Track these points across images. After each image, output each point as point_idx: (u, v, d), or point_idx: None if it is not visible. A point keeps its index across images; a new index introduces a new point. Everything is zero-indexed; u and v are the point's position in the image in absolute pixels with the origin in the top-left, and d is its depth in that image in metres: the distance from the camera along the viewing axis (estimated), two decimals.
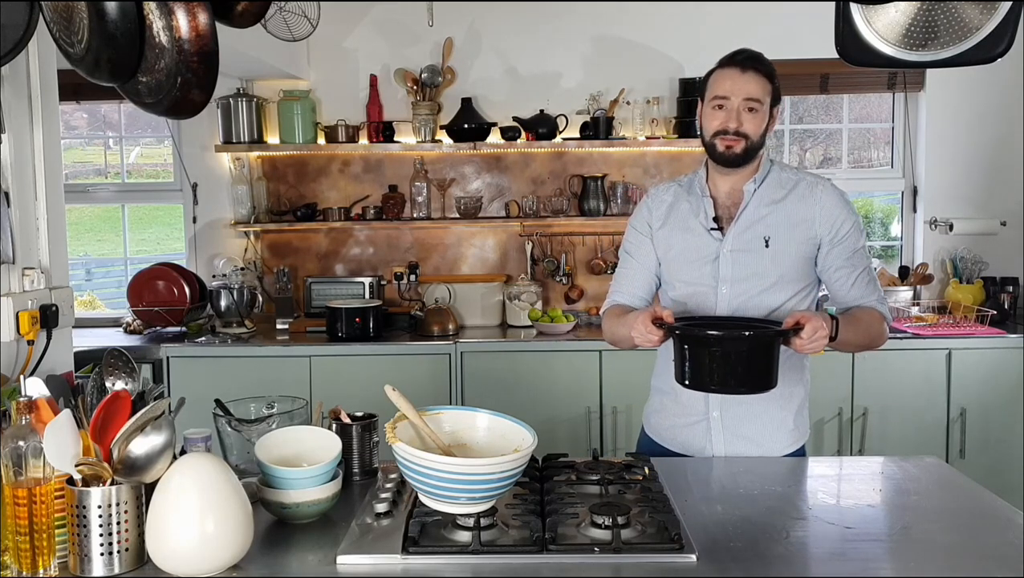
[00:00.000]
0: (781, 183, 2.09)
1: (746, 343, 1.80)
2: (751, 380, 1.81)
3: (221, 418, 1.88)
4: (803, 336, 1.79)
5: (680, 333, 1.83)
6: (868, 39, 1.91)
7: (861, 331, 2.01)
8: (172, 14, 1.55)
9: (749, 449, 2.11)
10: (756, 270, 2.04)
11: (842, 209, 2.05)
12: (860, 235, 2.06)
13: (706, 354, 1.81)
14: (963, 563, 1.46)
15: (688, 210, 2.14)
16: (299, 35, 3.02)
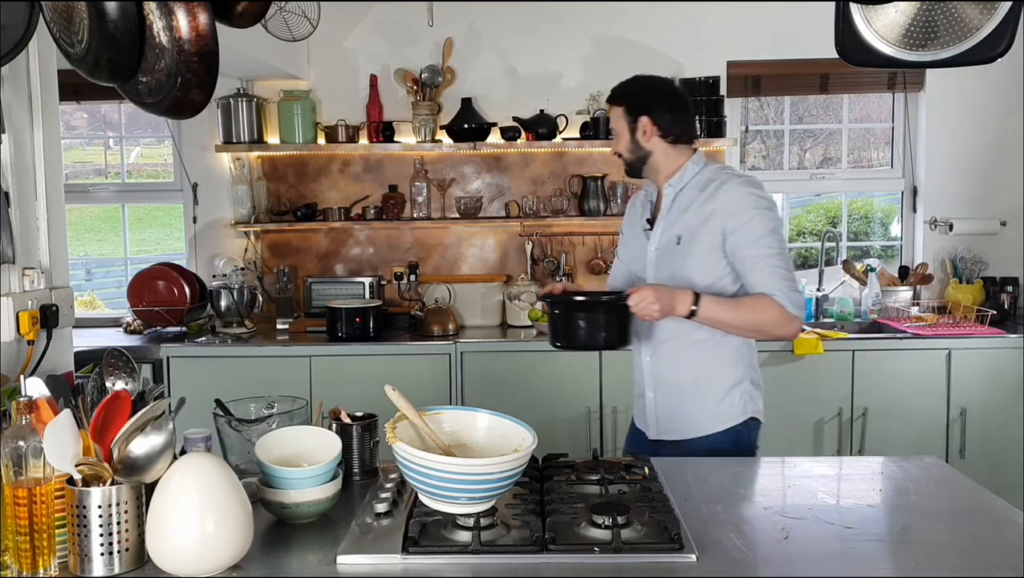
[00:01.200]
0: (700, 185, 2.23)
1: (584, 309, 2.16)
2: (595, 339, 2.15)
3: (221, 418, 1.88)
4: (629, 303, 2.06)
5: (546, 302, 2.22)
6: (868, 39, 1.91)
7: (741, 314, 2.11)
8: (172, 14, 1.55)
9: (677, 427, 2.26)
10: (671, 266, 2.21)
11: (741, 200, 2.14)
12: (762, 226, 2.12)
13: (559, 318, 2.17)
14: (963, 563, 1.47)
15: (642, 212, 2.38)
16: (299, 35, 3.02)
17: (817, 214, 5.26)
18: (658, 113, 2.29)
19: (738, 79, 4.32)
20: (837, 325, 4.08)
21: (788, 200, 4.73)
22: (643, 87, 2.40)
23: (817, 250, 4.46)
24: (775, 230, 2.14)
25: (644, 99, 2.34)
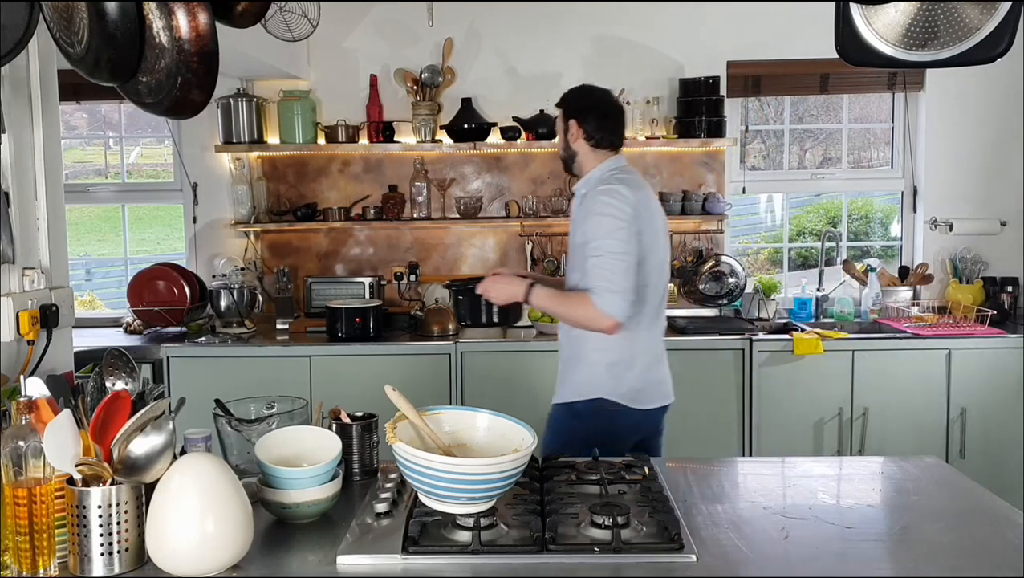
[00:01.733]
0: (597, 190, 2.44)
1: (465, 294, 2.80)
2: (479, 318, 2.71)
3: (221, 418, 1.88)
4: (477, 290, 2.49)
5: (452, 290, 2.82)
6: (868, 39, 1.91)
7: (562, 307, 2.39)
8: (172, 14, 1.55)
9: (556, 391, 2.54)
10: (579, 266, 2.41)
11: (595, 206, 2.36)
12: (599, 228, 2.32)
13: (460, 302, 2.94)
14: (963, 563, 1.47)
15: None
16: (299, 35, 3.02)
17: (817, 214, 5.26)
18: (585, 118, 2.49)
19: (738, 79, 4.32)
20: (837, 325, 4.08)
21: (788, 200, 4.73)
22: (579, 95, 2.58)
23: (817, 250, 4.46)
24: (612, 234, 2.30)
25: (577, 105, 2.54)
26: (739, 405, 3.80)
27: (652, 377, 2.47)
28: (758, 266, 4.84)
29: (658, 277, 2.45)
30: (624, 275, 2.29)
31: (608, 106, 2.55)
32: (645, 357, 2.45)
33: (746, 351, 3.79)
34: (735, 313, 4.29)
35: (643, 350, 2.44)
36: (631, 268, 2.30)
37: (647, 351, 2.45)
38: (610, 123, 2.51)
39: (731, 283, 4.19)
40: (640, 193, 2.42)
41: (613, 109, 2.55)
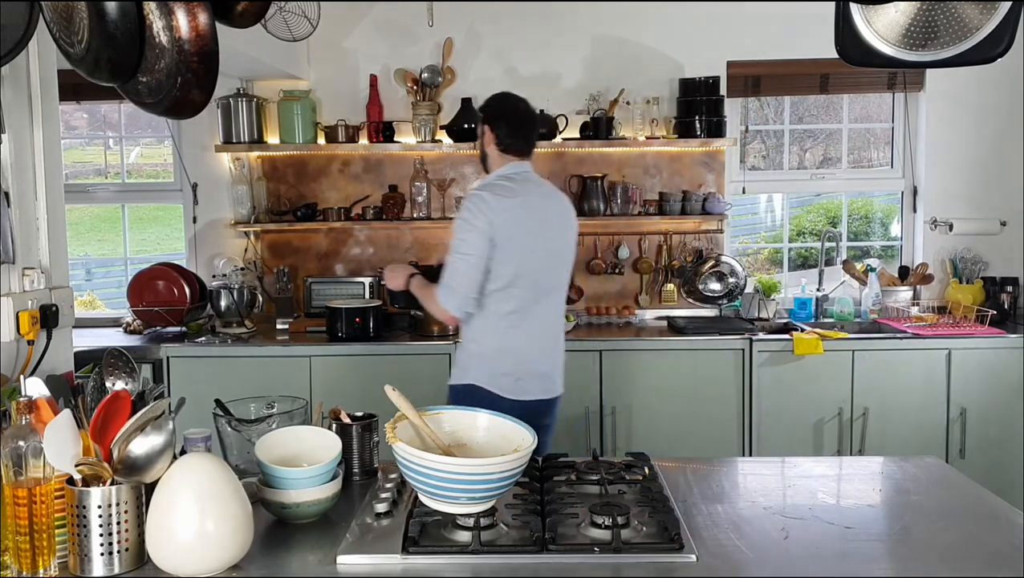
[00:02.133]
0: None
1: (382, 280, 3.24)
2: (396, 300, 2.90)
3: (221, 418, 1.88)
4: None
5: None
6: (868, 39, 1.91)
7: (422, 294, 2.69)
8: (172, 14, 1.55)
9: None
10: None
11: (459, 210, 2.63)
12: (454, 232, 2.59)
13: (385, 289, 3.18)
14: (963, 563, 1.47)
15: None
16: (299, 35, 3.02)
17: (817, 214, 5.26)
18: (497, 124, 2.68)
19: (738, 79, 4.32)
20: (837, 325, 4.08)
21: (788, 200, 4.73)
22: (495, 101, 2.77)
23: (817, 250, 4.46)
24: (461, 236, 2.56)
25: (492, 111, 2.73)
26: (739, 405, 3.80)
27: (530, 370, 2.63)
28: (758, 266, 4.84)
29: (527, 281, 2.59)
30: (462, 275, 2.54)
31: (520, 115, 2.73)
32: (518, 351, 2.61)
33: (746, 351, 3.79)
34: (735, 313, 4.29)
35: (515, 345, 2.61)
36: (472, 269, 2.53)
37: (520, 346, 2.61)
38: (519, 131, 2.69)
39: (731, 283, 4.19)
40: (511, 201, 2.59)
41: (524, 118, 2.73)
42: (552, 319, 2.71)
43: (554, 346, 2.72)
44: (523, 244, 2.58)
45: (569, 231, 2.76)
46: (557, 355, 2.73)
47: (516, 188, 2.63)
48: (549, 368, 2.69)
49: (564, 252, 2.73)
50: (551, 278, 2.68)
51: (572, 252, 2.77)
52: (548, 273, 2.66)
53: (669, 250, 4.35)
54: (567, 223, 2.75)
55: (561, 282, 2.73)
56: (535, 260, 2.61)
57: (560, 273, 2.71)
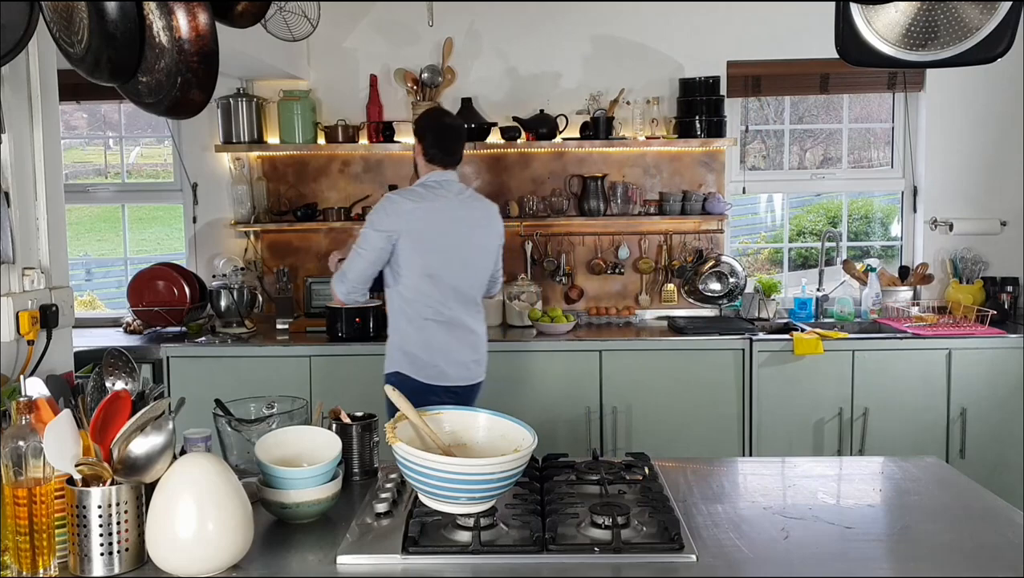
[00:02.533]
0: None
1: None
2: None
3: (221, 418, 1.88)
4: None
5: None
6: (868, 39, 1.91)
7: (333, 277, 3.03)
8: (172, 14, 1.55)
9: None
10: None
11: None
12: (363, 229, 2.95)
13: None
14: (963, 563, 1.47)
15: None
16: (299, 35, 3.02)
17: (817, 214, 5.26)
18: (424, 137, 3.01)
19: (738, 79, 4.32)
20: (837, 325, 4.08)
21: (788, 200, 4.73)
22: (425, 116, 3.11)
23: (817, 250, 4.46)
24: (364, 233, 2.93)
25: (420, 126, 3.07)
26: (739, 405, 3.81)
27: (448, 359, 2.93)
28: (758, 266, 4.84)
29: (440, 278, 2.91)
30: (355, 267, 2.91)
31: (444, 129, 3.04)
32: (435, 342, 2.91)
33: (746, 351, 3.79)
34: (735, 313, 4.29)
35: (432, 337, 2.92)
36: (364, 263, 2.90)
37: (436, 338, 2.92)
38: (442, 144, 3.01)
39: (731, 283, 4.19)
40: (419, 204, 2.92)
41: (448, 132, 3.04)
42: (468, 314, 2.99)
43: (471, 337, 3.00)
44: (432, 244, 2.91)
45: (486, 236, 3.04)
46: (477, 345, 3.02)
47: (428, 194, 2.96)
48: (467, 357, 2.98)
49: (480, 254, 3.02)
50: (465, 277, 2.97)
51: (491, 255, 3.07)
52: (461, 272, 2.96)
53: (669, 250, 4.35)
54: (485, 228, 3.04)
55: (477, 281, 3.02)
56: (446, 259, 2.92)
57: (475, 272, 3.01)
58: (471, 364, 2.99)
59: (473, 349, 3.00)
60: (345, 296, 2.94)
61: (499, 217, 3.12)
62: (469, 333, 2.99)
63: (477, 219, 3.03)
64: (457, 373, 2.95)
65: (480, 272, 3.03)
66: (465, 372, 2.97)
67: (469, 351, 2.98)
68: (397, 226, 2.89)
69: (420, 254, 2.89)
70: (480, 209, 3.06)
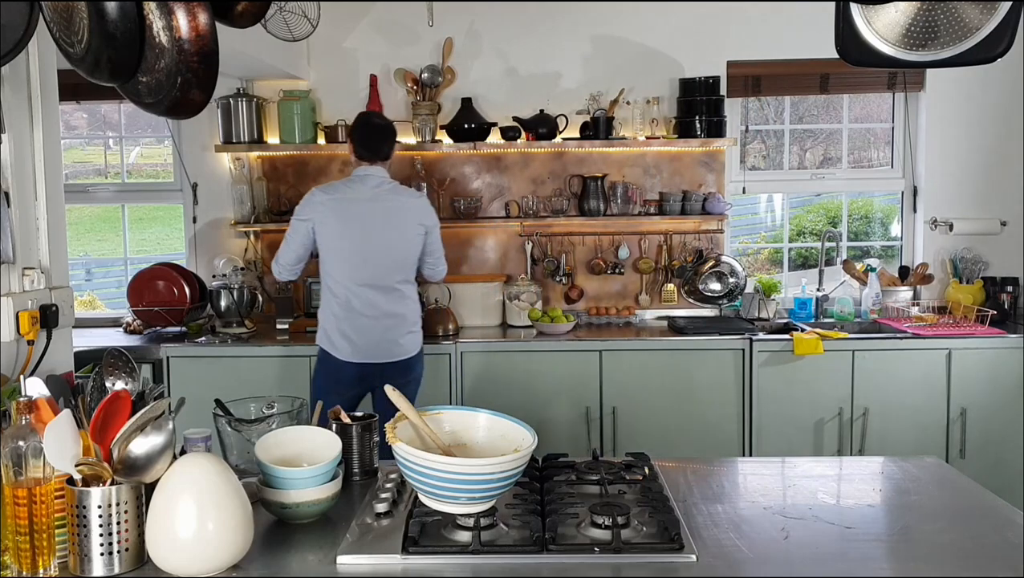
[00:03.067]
0: None
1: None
2: None
3: (221, 418, 1.88)
4: None
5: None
6: (868, 39, 1.91)
7: None
8: (172, 14, 1.55)
9: None
10: None
11: None
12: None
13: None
14: (963, 563, 1.47)
15: None
16: (299, 35, 3.02)
17: (817, 214, 5.26)
18: (352, 137, 3.33)
19: (738, 79, 4.33)
20: (837, 325, 4.08)
21: (788, 200, 4.73)
22: (355, 119, 3.40)
23: (817, 250, 4.46)
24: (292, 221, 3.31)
25: (351, 126, 3.38)
26: (739, 405, 3.81)
27: (364, 338, 3.22)
28: (758, 266, 4.85)
29: (354, 262, 3.23)
30: (283, 250, 3.34)
31: (368, 128, 3.32)
32: (351, 322, 3.23)
33: (746, 351, 3.79)
34: (735, 313, 4.29)
35: (344, 315, 3.24)
36: (289, 247, 3.31)
37: (347, 316, 3.23)
38: (367, 142, 3.28)
39: (731, 283, 4.19)
40: (333, 196, 3.25)
41: (372, 131, 3.31)
42: (384, 295, 3.25)
43: (388, 319, 3.25)
44: (342, 232, 3.22)
45: (402, 224, 3.26)
46: (395, 325, 3.26)
47: (344, 187, 3.29)
48: (379, 337, 3.24)
49: (394, 242, 3.25)
50: (378, 262, 3.23)
51: (409, 242, 3.28)
52: (373, 257, 3.23)
53: (669, 250, 4.35)
54: (399, 217, 3.25)
55: (394, 266, 3.26)
56: (357, 246, 3.22)
57: (390, 257, 3.25)
58: (385, 343, 3.25)
59: (387, 330, 3.25)
60: (278, 274, 3.39)
61: (422, 206, 3.35)
62: (384, 316, 3.24)
63: (390, 209, 3.25)
64: (374, 352, 3.23)
65: (396, 258, 3.27)
66: (382, 351, 3.24)
67: (381, 332, 3.24)
68: (312, 216, 3.25)
69: (333, 240, 3.24)
70: (395, 200, 3.28)
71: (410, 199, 3.34)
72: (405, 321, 3.29)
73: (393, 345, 3.27)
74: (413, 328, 3.33)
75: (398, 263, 3.28)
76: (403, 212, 3.28)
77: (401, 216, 3.27)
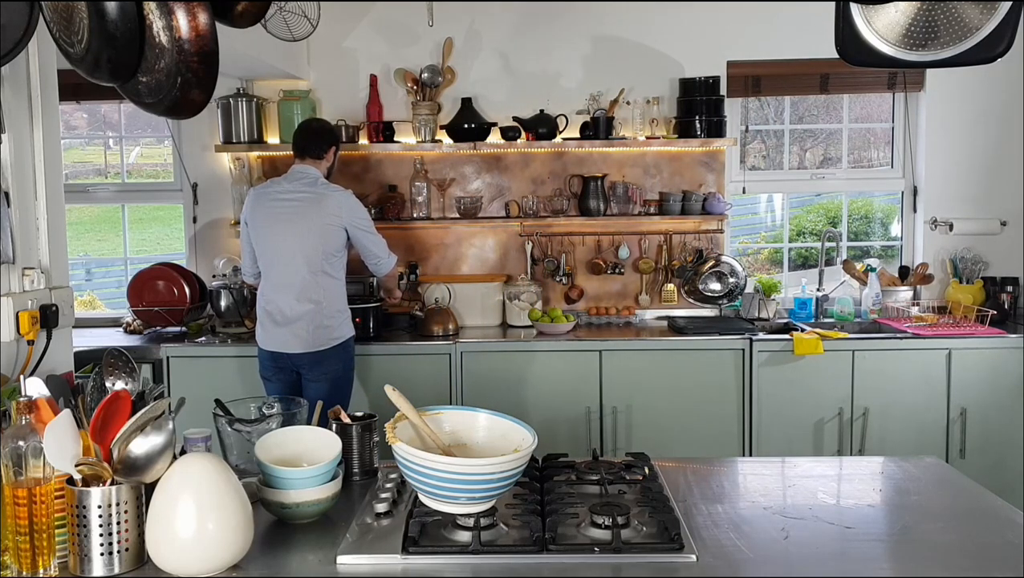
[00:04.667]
0: None
1: None
2: None
3: (221, 418, 1.88)
4: None
5: None
6: (868, 39, 1.91)
7: None
8: (172, 14, 1.55)
9: None
10: None
11: None
12: None
13: None
14: (963, 563, 1.47)
15: None
16: (299, 35, 3.02)
17: (817, 214, 5.26)
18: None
19: (738, 79, 4.33)
20: (837, 325, 4.08)
21: (788, 200, 4.73)
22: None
23: (817, 250, 4.46)
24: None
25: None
26: (739, 405, 3.81)
27: (274, 327, 3.37)
28: (758, 266, 4.85)
29: (268, 255, 3.39)
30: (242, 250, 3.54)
31: (300, 130, 3.52)
32: (265, 311, 3.40)
33: (746, 351, 3.79)
34: (735, 313, 4.29)
35: (264, 306, 3.40)
36: (242, 247, 3.51)
37: (265, 308, 3.40)
38: (298, 142, 3.48)
39: (731, 283, 4.19)
40: (257, 191, 3.46)
41: (299, 131, 3.51)
42: (290, 289, 3.34)
43: (293, 310, 3.34)
44: (259, 225, 3.39)
45: (316, 220, 3.33)
46: (300, 317, 3.33)
47: (274, 184, 3.46)
48: (287, 327, 3.34)
49: (305, 237, 3.32)
50: (286, 253, 3.34)
51: (320, 237, 3.33)
52: (282, 248, 3.35)
53: (669, 250, 4.35)
54: (313, 213, 3.33)
55: (304, 257, 3.32)
56: (270, 238, 3.37)
57: (301, 251, 3.32)
58: (288, 336, 3.35)
59: (294, 322, 3.34)
60: (244, 278, 3.67)
61: (340, 202, 3.38)
62: (288, 309, 3.34)
63: (304, 203, 3.35)
64: (280, 341, 3.37)
65: (306, 252, 3.33)
66: (284, 342, 3.36)
67: (286, 321, 3.35)
68: (244, 214, 3.47)
69: (253, 233, 3.42)
70: (311, 196, 3.36)
71: (329, 195, 3.38)
72: (315, 314, 3.34)
73: (295, 338, 3.34)
74: (327, 321, 3.36)
75: (308, 256, 3.34)
76: (316, 207, 3.34)
77: (313, 210, 3.34)
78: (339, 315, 3.42)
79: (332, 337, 3.38)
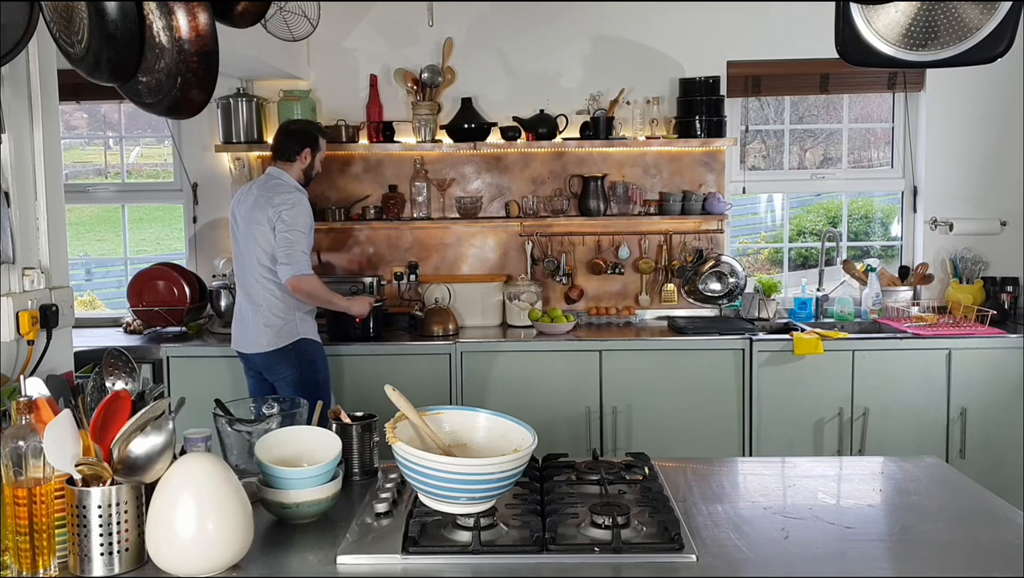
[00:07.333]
0: None
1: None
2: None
3: (221, 418, 1.88)
4: None
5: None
6: (868, 39, 1.91)
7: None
8: (172, 14, 1.55)
9: None
10: None
11: None
12: None
13: None
14: (963, 563, 1.47)
15: None
16: (299, 35, 3.02)
17: (817, 214, 5.26)
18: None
19: (738, 79, 4.32)
20: (837, 325, 4.08)
21: (788, 200, 4.73)
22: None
23: (817, 250, 4.46)
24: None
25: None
26: (739, 405, 3.81)
27: (237, 328, 3.46)
28: (758, 266, 4.85)
29: (234, 256, 3.49)
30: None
31: (277, 133, 3.55)
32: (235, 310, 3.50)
33: (746, 351, 3.79)
34: (735, 313, 4.29)
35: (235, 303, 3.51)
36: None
37: (235, 305, 3.50)
38: (275, 144, 3.51)
39: (731, 283, 4.19)
40: (235, 196, 3.52)
41: (277, 134, 3.54)
42: (243, 289, 3.43)
43: (244, 311, 3.42)
44: (232, 226, 3.48)
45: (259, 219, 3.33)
46: (252, 318, 3.38)
47: (246, 186, 3.53)
48: (242, 327, 3.43)
49: (253, 237, 3.35)
50: (241, 254, 3.42)
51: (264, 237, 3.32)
52: (239, 249, 3.43)
53: (669, 250, 4.35)
54: (258, 211, 3.33)
55: (254, 258, 3.35)
56: (234, 239, 3.45)
57: (250, 251, 3.36)
58: (244, 335, 3.42)
59: (249, 322, 3.40)
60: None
61: (279, 200, 3.32)
62: (243, 310, 3.43)
63: (253, 203, 3.38)
64: (240, 341, 3.44)
65: (255, 253, 3.36)
66: (241, 342, 3.44)
67: (243, 322, 3.43)
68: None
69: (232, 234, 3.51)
70: (262, 201, 3.36)
71: (274, 197, 3.34)
72: (259, 315, 3.36)
73: (249, 337, 3.40)
74: (269, 322, 3.35)
75: (257, 257, 3.36)
76: (260, 209, 3.35)
77: (259, 212, 3.35)
78: (283, 316, 3.36)
79: (277, 339, 3.35)
